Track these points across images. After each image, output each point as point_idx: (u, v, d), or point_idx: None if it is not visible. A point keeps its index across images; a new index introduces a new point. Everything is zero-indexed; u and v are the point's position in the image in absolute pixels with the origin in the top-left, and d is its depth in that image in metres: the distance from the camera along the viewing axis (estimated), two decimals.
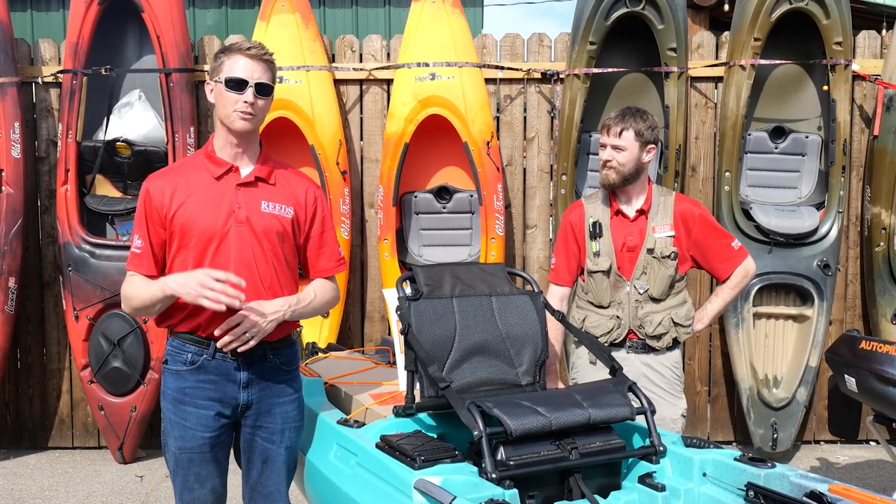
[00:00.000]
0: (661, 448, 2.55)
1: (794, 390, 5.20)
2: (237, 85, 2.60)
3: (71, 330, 5.25)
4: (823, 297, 5.18)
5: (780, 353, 5.34)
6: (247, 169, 2.70)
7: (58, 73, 5.37)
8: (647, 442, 2.63)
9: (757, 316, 5.28)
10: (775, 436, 5.19)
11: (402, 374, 3.01)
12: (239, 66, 2.61)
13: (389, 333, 5.42)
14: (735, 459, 2.43)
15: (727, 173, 5.21)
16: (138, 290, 2.65)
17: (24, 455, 5.58)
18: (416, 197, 5.42)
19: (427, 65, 5.12)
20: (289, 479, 2.86)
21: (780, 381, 5.30)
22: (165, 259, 2.69)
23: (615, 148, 3.30)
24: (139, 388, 5.21)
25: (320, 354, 3.95)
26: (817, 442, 5.70)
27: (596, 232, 3.34)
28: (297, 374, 2.87)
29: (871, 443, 5.59)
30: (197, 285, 2.48)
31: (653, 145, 3.33)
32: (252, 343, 2.60)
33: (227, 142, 2.69)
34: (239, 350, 2.61)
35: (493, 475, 2.31)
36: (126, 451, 5.31)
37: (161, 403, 2.76)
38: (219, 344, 2.60)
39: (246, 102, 2.60)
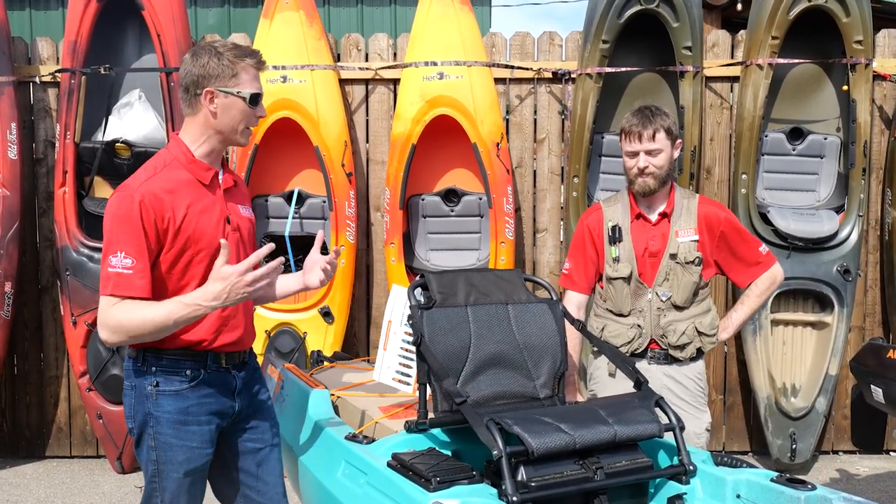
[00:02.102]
0: (692, 467, 2.40)
1: (814, 399, 5.05)
2: (257, 100, 2.55)
3: (69, 336, 5.11)
4: (843, 304, 5.03)
5: (798, 361, 5.18)
6: (219, 174, 2.63)
7: (56, 72, 5.23)
8: (676, 460, 2.48)
9: (775, 323, 5.13)
10: (794, 446, 5.03)
11: (383, 366, 3.06)
12: (257, 80, 2.55)
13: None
14: (772, 480, 2.27)
15: (744, 176, 5.06)
16: (147, 316, 2.34)
17: (21, 464, 5.43)
18: (423, 200, 5.27)
19: (435, 64, 4.98)
20: (282, 479, 2.80)
21: (799, 390, 5.15)
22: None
23: (650, 153, 3.13)
24: None
25: (325, 364, 3.81)
26: (835, 452, 5.54)
27: (615, 236, 3.19)
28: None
29: (892, 453, 5.44)
30: (246, 287, 2.35)
31: (679, 139, 3.20)
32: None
33: (214, 149, 2.58)
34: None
35: (514, 498, 2.17)
36: (125, 461, 5.16)
37: (150, 430, 2.50)
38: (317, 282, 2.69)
39: (259, 117, 2.57)
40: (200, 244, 2.47)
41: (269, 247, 2.41)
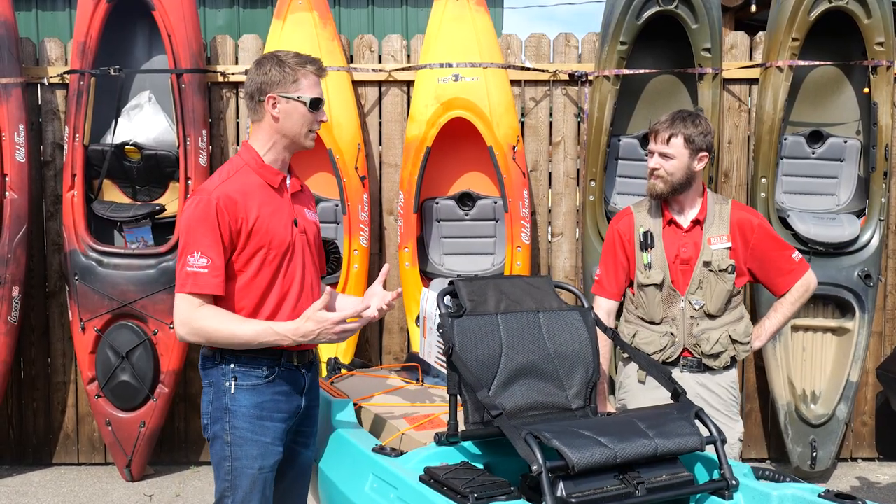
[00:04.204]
0: (734, 482, 2.33)
1: (834, 406, 4.97)
2: (318, 104, 2.63)
3: (77, 341, 5.02)
4: (865, 309, 4.95)
5: (818, 368, 5.10)
6: (287, 178, 2.72)
7: (64, 73, 5.15)
8: (716, 474, 2.40)
9: (794, 328, 5.05)
10: (814, 454, 4.95)
11: (426, 348, 3.06)
12: (318, 86, 2.64)
13: (410, 348, 5.19)
14: (819, 496, 2.20)
15: (763, 179, 4.98)
16: (236, 331, 2.50)
17: (28, 472, 5.34)
18: (437, 203, 5.19)
19: (450, 65, 4.90)
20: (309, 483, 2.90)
21: (819, 397, 5.07)
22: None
23: (663, 155, 3.09)
24: (148, 403, 4.97)
25: (344, 371, 3.73)
26: (854, 459, 5.47)
27: (647, 242, 3.11)
28: None
29: None
30: (334, 334, 2.52)
31: (705, 153, 3.10)
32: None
33: (281, 155, 2.68)
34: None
35: None
36: (134, 469, 5.07)
37: (226, 425, 2.59)
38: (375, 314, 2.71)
39: (321, 121, 2.66)
40: (272, 245, 2.57)
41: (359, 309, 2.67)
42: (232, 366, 2.58)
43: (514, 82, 5.21)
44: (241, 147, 2.71)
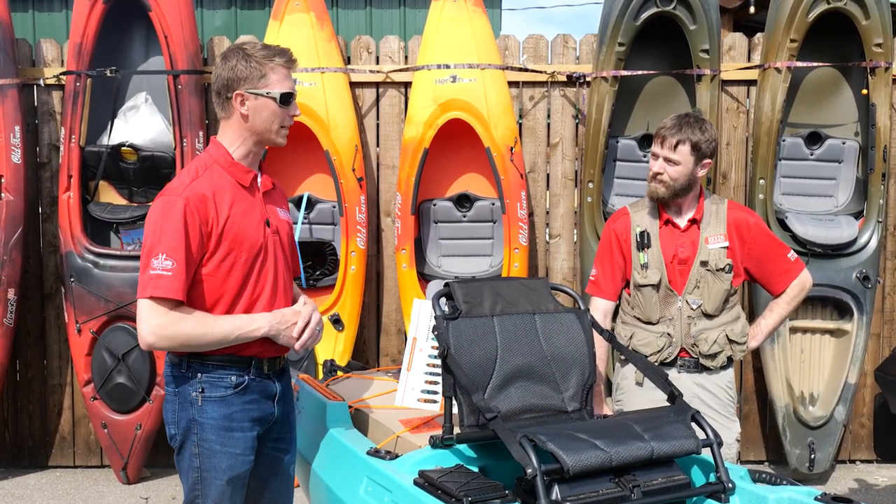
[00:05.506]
0: (731, 485, 2.31)
1: (833, 408, 4.95)
2: (289, 99, 2.52)
3: (73, 343, 5.00)
4: (863, 311, 4.94)
5: (816, 370, 5.09)
6: (258, 177, 2.63)
7: (60, 74, 5.13)
8: (712, 477, 2.39)
9: (793, 330, 5.04)
10: (812, 456, 4.94)
11: (406, 389, 3.04)
12: (288, 79, 2.52)
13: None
14: (816, 499, 2.18)
15: (761, 181, 4.97)
16: (207, 328, 2.42)
17: (24, 475, 5.32)
18: (434, 205, 5.18)
19: (448, 66, 4.89)
20: (293, 490, 2.82)
21: (818, 399, 5.05)
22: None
23: (668, 161, 3.06)
24: (144, 405, 4.95)
25: (340, 374, 3.71)
26: (853, 461, 5.45)
27: (644, 242, 3.10)
28: None
29: None
30: (313, 330, 2.53)
31: (709, 160, 3.09)
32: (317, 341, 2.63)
33: (251, 152, 2.58)
34: (309, 347, 2.57)
35: None
36: (130, 472, 5.05)
37: (194, 436, 2.50)
38: (297, 346, 2.54)
39: (293, 116, 2.55)
40: (243, 247, 2.49)
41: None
42: (199, 375, 2.48)
43: (511, 83, 5.19)
44: (210, 143, 2.59)
